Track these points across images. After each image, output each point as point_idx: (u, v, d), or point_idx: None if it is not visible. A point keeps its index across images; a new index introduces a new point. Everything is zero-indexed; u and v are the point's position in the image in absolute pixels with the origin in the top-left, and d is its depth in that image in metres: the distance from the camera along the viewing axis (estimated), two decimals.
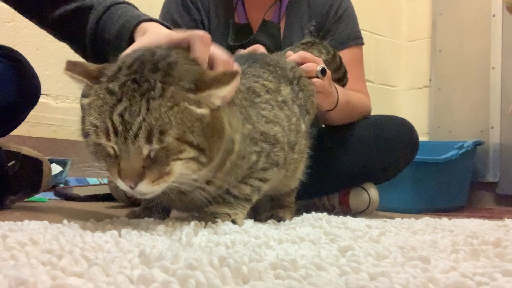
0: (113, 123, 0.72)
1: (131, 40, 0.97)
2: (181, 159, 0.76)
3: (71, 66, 0.78)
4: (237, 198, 0.94)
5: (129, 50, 0.87)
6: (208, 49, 0.86)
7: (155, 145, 0.73)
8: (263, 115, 1.00)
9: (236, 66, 0.91)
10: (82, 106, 0.81)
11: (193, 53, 0.84)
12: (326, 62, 1.41)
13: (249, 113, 0.96)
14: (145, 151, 0.73)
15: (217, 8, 1.59)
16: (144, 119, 0.72)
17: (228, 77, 0.78)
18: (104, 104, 0.73)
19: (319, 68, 1.28)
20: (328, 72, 1.30)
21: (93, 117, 0.74)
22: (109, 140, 0.73)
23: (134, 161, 0.73)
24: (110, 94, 0.74)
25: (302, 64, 1.27)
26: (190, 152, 0.76)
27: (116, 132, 0.72)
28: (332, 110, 1.38)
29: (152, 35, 0.93)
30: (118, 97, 0.73)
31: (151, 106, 0.72)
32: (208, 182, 0.86)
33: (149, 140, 0.72)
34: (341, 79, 1.51)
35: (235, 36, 1.56)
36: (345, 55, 1.58)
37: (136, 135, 0.72)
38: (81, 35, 1.08)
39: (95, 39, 1.06)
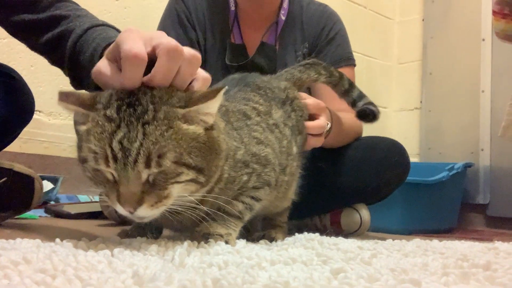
0: (112, 150, 0.73)
1: None
2: (179, 182, 0.77)
3: (64, 97, 0.78)
4: (229, 215, 0.95)
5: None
6: (175, 63, 0.78)
7: (154, 169, 0.74)
8: (254, 136, 1.00)
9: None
10: (78, 132, 0.80)
11: (155, 68, 0.78)
12: (327, 84, 1.42)
13: (241, 135, 0.97)
14: (144, 176, 0.74)
15: (213, 28, 1.61)
16: (141, 144, 0.72)
17: (214, 92, 0.79)
18: (104, 131, 0.74)
19: (328, 127, 1.31)
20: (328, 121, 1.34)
21: (92, 144, 0.74)
22: (108, 166, 0.74)
23: (133, 186, 0.74)
24: (109, 121, 0.74)
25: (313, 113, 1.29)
26: (188, 175, 0.77)
27: (115, 159, 0.73)
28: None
29: None
30: (117, 123, 0.74)
31: (147, 131, 0.73)
32: (201, 202, 0.86)
33: (147, 165, 0.73)
34: (356, 101, 1.47)
35: (232, 56, 1.57)
36: None
37: (135, 161, 0.72)
38: (65, 60, 1.07)
39: (72, 64, 1.04)
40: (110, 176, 0.75)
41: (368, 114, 1.41)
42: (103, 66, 0.82)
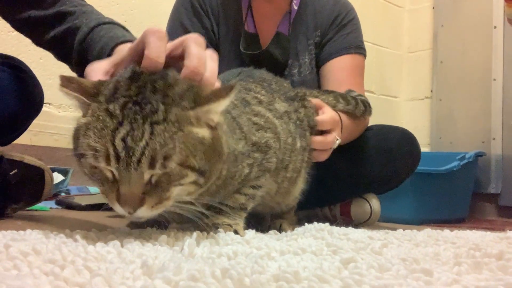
0: (115, 148, 0.69)
1: None
2: (181, 184, 0.74)
3: (65, 82, 0.75)
4: (232, 208, 0.94)
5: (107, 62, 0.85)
6: (203, 50, 0.80)
7: (158, 171, 0.71)
8: (254, 121, 0.98)
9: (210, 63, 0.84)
10: (75, 127, 0.76)
11: (188, 56, 0.78)
12: (346, 112, 1.39)
13: (240, 124, 0.93)
14: (147, 176, 0.71)
15: (227, 16, 1.59)
16: (147, 144, 0.69)
17: (227, 90, 0.76)
18: (105, 128, 0.70)
19: (337, 144, 1.27)
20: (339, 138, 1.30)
21: (92, 140, 0.71)
22: (108, 164, 0.70)
23: (135, 187, 0.71)
24: (111, 117, 0.71)
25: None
26: (191, 177, 0.74)
27: (117, 158, 0.69)
28: None
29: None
30: (119, 120, 0.70)
31: (155, 131, 0.70)
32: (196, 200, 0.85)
33: (152, 166, 0.70)
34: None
35: (246, 45, 1.56)
36: (345, 60, 1.57)
37: (139, 161, 0.69)
38: (72, 56, 1.07)
39: (80, 61, 1.04)
40: (109, 175, 0.72)
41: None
42: (96, 66, 0.83)
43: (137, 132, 0.69)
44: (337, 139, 1.28)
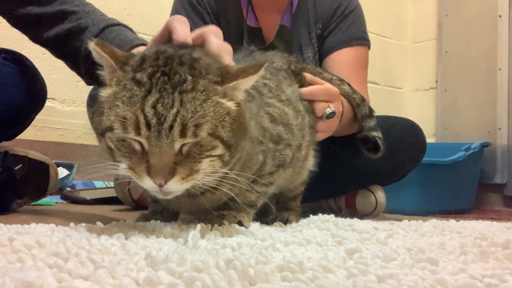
0: (145, 115, 0.69)
1: None
2: (212, 156, 0.74)
3: (100, 43, 0.76)
4: (241, 204, 0.94)
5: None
6: (221, 41, 0.88)
7: (189, 139, 0.71)
8: (267, 111, 0.98)
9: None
10: (99, 99, 0.77)
11: (209, 45, 0.85)
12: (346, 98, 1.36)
13: (251, 108, 0.93)
14: (178, 145, 0.71)
15: (226, 12, 1.58)
16: (178, 111, 0.69)
17: (255, 67, 0.78)
18: (133, 96, 0.71)
19: (328, 111, 1.22)
20: (337, 111, 1.25)
21: (120, 110, 0.71)
22: (138, 134, 0.70)
23: (166, 156, 0.70)
24: (138, 85, 0.71)
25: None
26: (220, 149, 0.75)
27: (148, 125, 0.69)
28: None
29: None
30: (147, 88, 0.71)
31: (185, 99, 0.70)
32: (216, 188, 0.85)
33: (183, 134, 0.70)
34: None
35: (249, 40, 1.55)
36: (347, 54, 1.55)
37: (170, 128, 0.69)
38: (76, 55, 1.08)
39: (88, 61, 1.04)
40: (138, 147, 0.72)
41: (371, 143, 1.38)
42: None
43: (167, 99, 0.70)
44: (330, 108, 1.23)
